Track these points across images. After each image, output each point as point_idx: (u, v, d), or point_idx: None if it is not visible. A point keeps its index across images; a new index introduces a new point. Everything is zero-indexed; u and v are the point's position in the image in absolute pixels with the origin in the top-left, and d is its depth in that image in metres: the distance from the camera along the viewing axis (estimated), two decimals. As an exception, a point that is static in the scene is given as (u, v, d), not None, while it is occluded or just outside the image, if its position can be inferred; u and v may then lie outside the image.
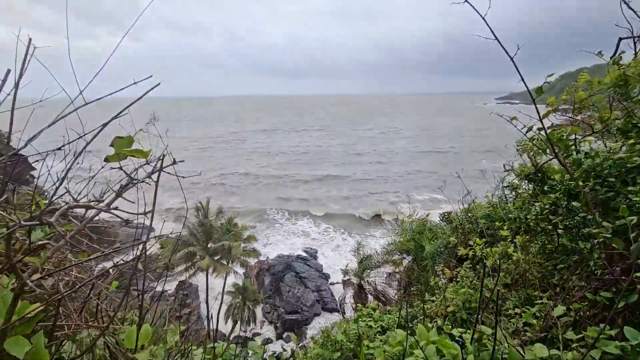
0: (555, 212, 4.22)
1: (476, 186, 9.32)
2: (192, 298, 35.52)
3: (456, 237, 8.37)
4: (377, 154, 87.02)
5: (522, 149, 6.34)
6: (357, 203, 56.48)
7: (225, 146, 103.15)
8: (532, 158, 6.27)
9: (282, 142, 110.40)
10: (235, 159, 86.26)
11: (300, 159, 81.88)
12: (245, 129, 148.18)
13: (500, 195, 8.66)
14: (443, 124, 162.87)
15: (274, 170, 72.40)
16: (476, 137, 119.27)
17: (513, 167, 7.86)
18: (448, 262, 8.82)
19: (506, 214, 6.75)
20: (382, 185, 64.67)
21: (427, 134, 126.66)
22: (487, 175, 9.38)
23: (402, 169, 73.02)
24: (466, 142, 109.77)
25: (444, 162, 79.68)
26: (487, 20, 2.78)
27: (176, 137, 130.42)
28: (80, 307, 1.55)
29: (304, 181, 64.19)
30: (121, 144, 1.40)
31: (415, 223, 13.01)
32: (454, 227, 9.09)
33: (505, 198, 8.45)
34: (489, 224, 7.70)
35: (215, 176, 70.05)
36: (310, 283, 35.54)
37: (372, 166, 74.94)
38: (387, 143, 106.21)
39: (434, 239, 11.32)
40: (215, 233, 27.23)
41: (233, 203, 54.60)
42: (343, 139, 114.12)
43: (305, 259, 39.73)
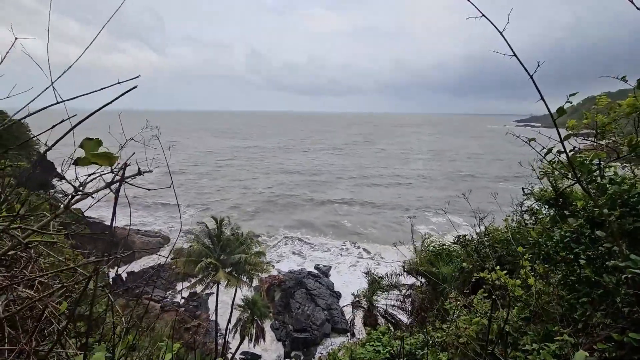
0: (578, 240, 3.95)
1: (493, 209, 8.99)
2: (202, 310, 35.43)
3: (471, 262, 8.00)
4: (392, 175, 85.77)
5: (542, 173, 6.08)
6: (370, 223, 55.71)
7: (240, 163, 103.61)
8: (553, 182, 6.00)
9: (298, 159, 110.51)
10: (251, 174, 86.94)
11: (316, 180, 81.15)
12: (262, 145, 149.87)
13: (519, 220, 8.30)
14: (460, 145, 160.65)
15: (288, 189, 72.03)
16: (494, 160, 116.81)
17: (532, 191, 7.55)
18: (462, 288, 8.42)
19: (526, 240, 6.43)
20: (396, 205, 63.67)
21: (444, 155, 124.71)
22: (504, 198, 9.06)
23: (418, 191, 71.70)
24: (483, 164, 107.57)
25: (461, 184, 78.06)
26: (505, 36, 2.66)
27: (190, 149, 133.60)
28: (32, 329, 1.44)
29: (319, 202, 63.60)
30: (89, 147, 1.31)
31: (430, 245, 12.61)
32: (469, 251, 8.72)
33: (525, 223, 8.08)
34: (506, 249, 7.35)
35: (230, 191, 70.77)
36: (321, 301, 34.86)
37: (386, 189, 73.58)
38: (403, 164, 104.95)
39: (449, 263, 10.90)
40: (228, 246, 27.27)
41: (247, 219, 54.88)
42: (359, 158, 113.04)
43: (317, 276, 39.15)
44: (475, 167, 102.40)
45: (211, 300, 34.64)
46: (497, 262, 7.69)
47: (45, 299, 1.42)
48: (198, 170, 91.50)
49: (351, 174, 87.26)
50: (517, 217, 8.17)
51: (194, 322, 33.04)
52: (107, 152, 1.33)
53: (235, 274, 26.44)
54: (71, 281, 1.56)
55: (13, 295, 1.47)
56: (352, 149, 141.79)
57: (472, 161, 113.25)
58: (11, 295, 1.46)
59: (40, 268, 1.75)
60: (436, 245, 13.18)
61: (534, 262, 5.01)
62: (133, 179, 1.45)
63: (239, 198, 66.70)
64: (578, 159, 3.82)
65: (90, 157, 1.29)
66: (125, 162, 1.43)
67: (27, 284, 1.54)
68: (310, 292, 35.74)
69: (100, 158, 1.32)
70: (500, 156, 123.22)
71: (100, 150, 1.32)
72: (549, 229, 5.34)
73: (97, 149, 1.31)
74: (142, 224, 52.36)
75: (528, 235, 6.68)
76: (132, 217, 33.80)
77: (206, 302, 36.25)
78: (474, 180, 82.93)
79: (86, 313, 1.95)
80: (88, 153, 1.30)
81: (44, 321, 1.48)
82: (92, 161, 1.31)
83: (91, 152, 1.29)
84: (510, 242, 7.53)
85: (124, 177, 1.41)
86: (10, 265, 1.79)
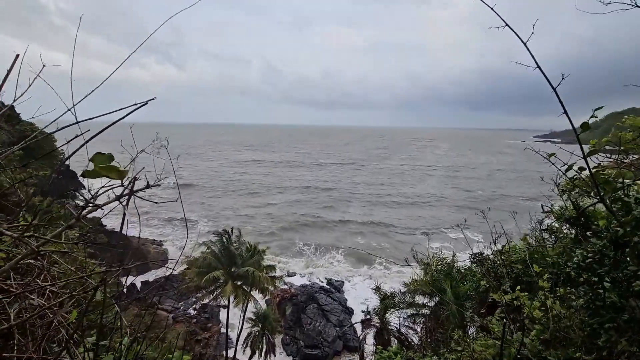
0: (601, 262, 3.77)
1: (510, 227, 8.70)
2: (213, 321, 35.31)
3: (487, 282, 7.73)
4: (407, 193, 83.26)
5: (563, 190, 5.87)
6: (384, 240, 54.93)
7: (251, 178, 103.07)
8: (574, 200, 5.79)
9: (310, 174, 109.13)
10: (264, 188, 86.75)
11: (330, 196, 79.44)
12: (275, 159, 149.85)
13: (538, 239, 8.02)
14: (477, 161, 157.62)
15: (300, 206, 71.05)
16: (512, 176, 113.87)
17: (552, 208, 7.30)
18: (478, 309, 8.12)
19: (545, 260, 6.19)
20: (410, 223, 62.61)
21: (461, 172, 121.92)
22: (523, 216, 8.78)
23: (433, 210, 70.08)
24: (502, 181, 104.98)
25: (478, 202, 76.25)
26: (528, 47, 2.55)
27: (204, 162, 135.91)
28: (41, 337, 1.46)
29: (332, 220, 62.74)
30: (100, 161, 1.35)
31: (442, 263, 12.27)
32: (486, 270, 8.44)
33: (544, 242, 7.80)
34: (525, 269, 7.08)
35: (242, 205, 71.11)
36: (333, 317, 34.26)
37: (400, 208, 71.82)
38: (419, 181, 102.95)
39: (463, 282, 10.55)
40: (239, 258, 27.29)
41: (258, 233, 54.91)
42: (372, 175, 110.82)
43: (329, 291, 38.60)
44: (493, 184, 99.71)
45: (222, 312, 34.56)
46: (515, 282, 7.40)
47: (55, 307, 1.44)
48: (211, 184, 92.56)
49: (364, 192, 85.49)
50: (536, 236, 7.90)
51: (205, 334, 32.94)
52: (116, 167, 1.36)
53: (245, 288, 26.35)
54: (80, 290, 1.58)
55: (25, 303, 1.50)
56: (365, 164, 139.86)
57: (489, 178, 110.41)
58: (23, 303, 1.49)
59: (52, 276, 1.78)
60: (449, 263, 12.83)
61: (553, 283, 4.80)
62: (142, 192, 1.48)
63: (252, 212, 66.92)
64: (601, 176, 3.68)
65: (100, 171, 1.32)
66: (134, 177, 1.46)
67: (39, 292, 1.57)
68: (322, 307, 35.21)
69: (110, 172, 1.35)
70: (519, 173, 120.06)
71: (112, 164, 1.35)
72: (569, 248, 5.13)
73: (108, 163, 1.34)
74: (160, 234, 53.27)
75: (547, 254, 6.44)
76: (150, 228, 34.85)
77: (217, 314, 36.16)
78: (492, 198, 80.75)
79: (96, 321, 1.96)
80: (97, 167, 1.33)
81: (52, 330, 1.50)
82: (103, 174, 1.34)
83: (101, 166, 1.33)
84: (528, 261, 7.26)
85: (133, 191, 1.43)
86: (24, 272, 1.83)
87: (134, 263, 1.78)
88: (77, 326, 1.40)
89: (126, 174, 1.42)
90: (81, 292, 1.59)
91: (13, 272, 1.45)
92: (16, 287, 1.48)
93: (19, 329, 1.41)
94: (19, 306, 1.45)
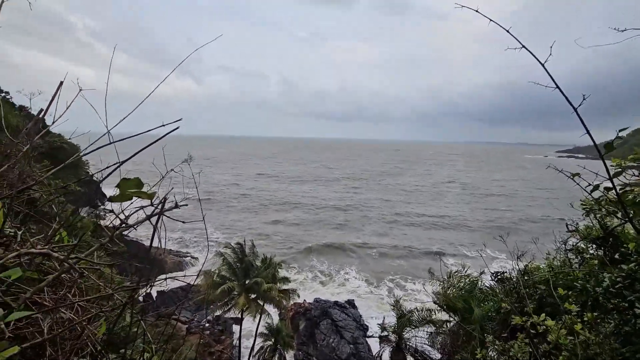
0: (632, 287, 3.60)
1: (533, 246, 8.41)
2: (227, 334, 35.17)
3: (509, 303, 7.45)
4: (423, 213, 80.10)
5: (587, 210, 5.67)
6: (400, 257, 53.86)
7: (269, 192, 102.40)
8: (601, 220, 5.58)
9: (324, 190, 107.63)
10: (278, 204, 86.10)
11: (342, 216, 77.18)
12: (290, 174, 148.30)
13: (563, 259, 7.71)
14: (497, 178, 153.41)
15: (314, 224, 69.78)
16: (534, 193, 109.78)
17: (578, 228, 7.04)
18: (499, 331, 7.80)
19: (571, 282, 5.94)
20: (426, 240, 61.22)
21: (479, 189, 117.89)
22: (545, 235, 8.48)
23: (451, 231, 67.93)
24: (522, 199, 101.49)
25: (498, 221, 73.90)
26: (546, 68, 2.54)
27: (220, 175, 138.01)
28: (70, 351, 1.50)
29: (347, 239, 61.52)
30: (126, 186, 1.41)
31: (464, 281, 11.90)
32: (508, 291, 8.13)
33: (569, 262, 7.49)
34: (549, 290, 6.80)
35: (256, 220, 71.24)
36: (347, 333, 33.55)
37: (417, 228, 69.73)
38: (435, 198, 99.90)
39: (484, 301, 10.19)
40: (253, 271, 27.32)
41: (272, 246, 54.87)
42: (388, 193, 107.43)
43: (343, 307, 37.94)
44: (514, 202, 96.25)
45: (236, 325, 34.43)
46: (539, 304, 7.10)
47: (84, 322, 1.50)
48: (226, 196, 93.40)
49: (379, 209, 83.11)
50: (561, 256, 7.60)
51: (218, 346, 32.81)
52: (144, 191, 1.42)
53: (259, 301, 26.26)
54: (108, 307, 1.64)
55: (56, 316, 1.57)
56: (381, 180, 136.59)
57: (510, 195, 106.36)
58: (55, 316, 1.55)
59: (81, 290, 1.85)
60: (469, 282, 12.44)
61: (580, 308, 4.59)
62: (170, 211, 1.54)
63: (266, 227, 66.92)
64: (629, 196, 3.56)
65: (131, 194, 1.39)
66: (164, 197, 1.53)
67: (69, 306, 1.64)
68: (336, 323, 34.57)
69: (139, 194, 1.42)
70: (542, 191, 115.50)
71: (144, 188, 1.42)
72: (597, 271, 4.92)
73: (135, 187, 1.41)
74: (176, 244, 54.28)
75: (573, 276, 6.18)
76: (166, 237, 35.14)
77: (231, 326, 36.04)
78: (513, 217, 77.67)
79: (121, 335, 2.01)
80: (124, 191, 1.40)
81: (81, 343, 1.55)
82: (132, 196, 1.41)
83: (128, 190, 1.40)
84: (552, 282, 6.96)
85: (163, 211, 1.50)
86: (56, 285, 1.91)
87: (157, 278, 1.83)
88: (107, 342, 1.45)
89: (154, 195, 1.48)
90: (109, 308, 1.65)
91: (46, 285, 1.52)
92: (49, 301, 1.55)
93: (50, 342, 1.47)
94: (51, 320, 1.51)
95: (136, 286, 1.55)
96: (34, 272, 1.78)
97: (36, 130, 2.27)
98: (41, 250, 1.24)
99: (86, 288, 2.08)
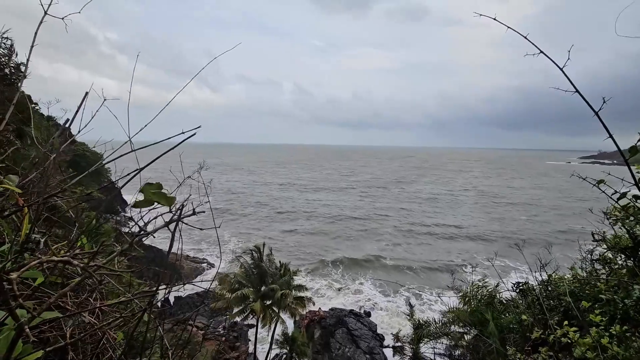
0: (665, 300, 3.41)
1: (555, 256, 8.08)
2: (241, 341, 35.24)
3: (532, 315, 7.16)
4: (440, 224, 77.60)
5: (615, 218, 5.43)
6: (417, 266, 52.90)
7: (283, 201, 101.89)
8: (629, 229, 5.35)
9: (339, 199, 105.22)
10: (292, 214, 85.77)
11: (357, 225, 75.78)
12: (303, 181, 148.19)
13: (589, 269, 7.39)
14: (515, 184, 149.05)
15: (329, 234, 68.40)
16: (557, 202, 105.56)
17: (605, 237, 6.76)
18: (521, 345, 7.50)
19: (597, 294, 5.68)
20: (443, 251, 59.83)
21: (498, 197, 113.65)
22: (569, 244, 8.15)
23: (469, 241, 65.86)
24: (544, 206, 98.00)
25: (518, 227, 71.63)
26: (566, 72, 2.48)
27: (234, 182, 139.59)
28: (90, 355, 1.54)
29: (363, 249, 60.57)
30: (149, 190, 1.45)
31: (482, 292, 11.55)
32: (530, 302, 7.83)
33: (596, 273, 7.18)
34: (574, 303, 6.51)
35: (271, 229, 71.35)
36: (363, 343, 33.05)
37: (435, 240, 67.20)
38: (450, 206, 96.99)
39: (504, 313, 9.84)
40: (269, 277, 27.39)
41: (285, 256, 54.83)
42: (403, 201, 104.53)
43: (359, 315, 37.47)
44: (535, 210, 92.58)
45: (251, 332, 34.48)
46: (563, 316, 6.81)
47: (105, 327, 1.54)
48: (241, 203, 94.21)
49: (395, 221, 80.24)
50: (587, 266, 7.29)
51: (233, 353, 32.87)
52: (165, 195, 1.46)
53: (274, 308, 26.24)
54: (128, 312, 1.68)
55: (77, 320, 1.62)
56: (395, 188, 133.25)
57: (531, 204, 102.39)
58: (76, 321, 1.60)
59: (102, 294, 1.91)
60: (487, 293, 12.07)
61: (608, 320, 4.37)
62: (188, 218, 1.58)
63: (281, 235, 66.87)
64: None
65: (152, 198, 1.43)
66: (182, 204, 1.57)
67: (90, 310, 1.69)
68: (352, 332, 34.13)
69: (160, 199, 1.46)
70: (565, 198, 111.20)
71: (161, 192, 1.46)
72: (626, 282, 4.71)
73: (156, 192, 1.45)
74: (194, 248, 55.24)
75: (599, 288, 5.91)
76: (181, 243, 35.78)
77: (246, 333, 36.11)
78: (534, 227, 74.78)
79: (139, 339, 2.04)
80: (147, 196, 1.44)
81: (101, 348, 1.59)
82: (154, 201, 1.45)
83: (152, 192, 1.44)
84: (578, 294, 6.67)
85: (181, 217, 1.54)
86: (77, 289, 1.96)
87: (175, 283, 1.87)
88: (126, 346, 1.49)
89: (174, 200, 1.52)
90: (129, 313, 1.70)
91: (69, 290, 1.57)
92: (71, 305, 1.60)
93: (72, 346, 1.51)
94: (73, 324, 1.55)
95: (155, 292, 1.58)
96: (57, 278, 1.85)
97: (63, 140, 2.37)
98: (62, 258, 1.28)
99: (106, 292, 2.14)
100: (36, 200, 1.58)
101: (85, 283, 1.96)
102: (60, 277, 1.76)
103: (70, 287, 1.33)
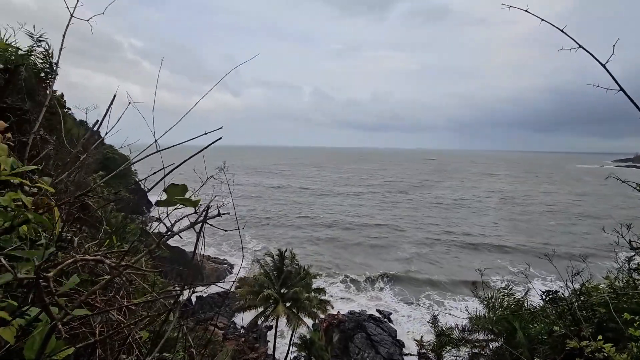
0: None
1: (590, 264, 7.64)
2: (260, 343, 35.49)
3: (564, 325, 6.80)
4: (464, 233, 74.06)
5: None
6: (439, 269, 51.67)
7: (302, 205, 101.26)
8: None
9: (357, 206, 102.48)
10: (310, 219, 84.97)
11: (376, 232, 73.67)
12: (321, 185, 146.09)
13: (626, 279, 6.96)
14: (545, 189, 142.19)
15: (349, 240, 67.54)
16: (590, 210, 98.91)
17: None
18: (551, 356, 7.13)
19: (636, 305, 5.34)
20: (469, 254, 58.19)
21: (522, 203, 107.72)
22: (604, 251, 7.70)
23: (492, 247, 63.27)
24: (574, 213, 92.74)
25: (548, 237, 68.30)
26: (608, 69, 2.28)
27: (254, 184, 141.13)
28: (117, 352, 1.57)
29: (387, 259, 59.33)
30: (174, 192, 1.45)
31: (508, 300, 11.09)
32: (561, 312, 7.44)
33: (634, 283, 6.75)
34: (610, 314, 6.14)
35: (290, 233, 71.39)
36: (382, 349, 32.57)
37: (452, 247, 64.31)
38: (472, 213, 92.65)
39: (533, 322, 9.39)
40: (289, 279, 27.50)
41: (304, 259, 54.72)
42: (424, 208, 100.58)
43: (379, 320, 36.96)
44: (566, 218, 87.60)
45: (270, 334, 34.69)
46: (597, 329, 6.44)
47: (132, 325, 1.57)
48: (261, 206, 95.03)
49: (416, 227, 77.56)
50: (624, 276, 6.87)
51: (253, 354, 33.15)
52: (189, 198, 1.48)
53: (294, 310, 26.29)
54: (154, 311, 1.71)
55: (105, 318, 1.66)
56: (417, 192, 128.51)
57: (560, 212, 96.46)
58: (104, 318, 1.64)
59: (128, 292, 1.95)
60: (514, 301, 11.60)
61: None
62: (212, 219, 1.59)
63: (300, 238, 67.01)
64: None
65: (177, 201, 1.45)
66: (207, 205, 1.58)
67: (118, 308, 1.73)
68: (371, 337, 33.72)
69: (185, 202, 1.47)
70: (601, 205, 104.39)
71: (186, 195, 1.48)
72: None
73: (181, 194, 1.47)
74: (215, 249, 56.45)
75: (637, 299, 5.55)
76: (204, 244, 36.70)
77: (265, 335, 36.35)
78: (566, 238, 70.42)
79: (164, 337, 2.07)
80: (171, 197, 1.46)
81: (127, 346, 1.62)
82: (178, 202, 1.47)
83: (175, 197, 1.46)
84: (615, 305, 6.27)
85: (206, 218, 1.55)
86: (106, 287, 2.01)
87: (199, 283, 1.89)
88: (153, 345, 1.51)
89: (198, 203, 1.53)
90: (155, 312, 1.73)
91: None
92: (100, 302, 1.65)
93: (100, 342, 1.54)
94: (101, 321, 1.59)
95: (180, 292, 1.60)
96: (87, 275, 1.91)
97: (92, 142, 2.45)
98: (95, 257, 1.32)
99: (133, 290, 2.18)
100: (67, 199, 1.63)
101: (113, 281, 2.00)
102: (90, 275, 1.80)
103: (100, 285, 1.36)
